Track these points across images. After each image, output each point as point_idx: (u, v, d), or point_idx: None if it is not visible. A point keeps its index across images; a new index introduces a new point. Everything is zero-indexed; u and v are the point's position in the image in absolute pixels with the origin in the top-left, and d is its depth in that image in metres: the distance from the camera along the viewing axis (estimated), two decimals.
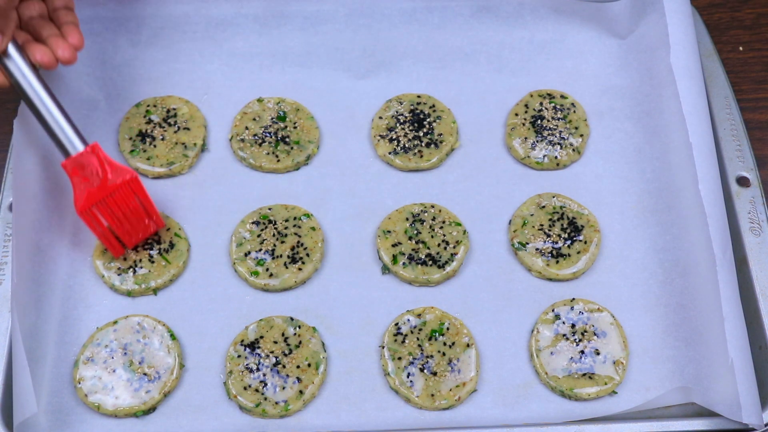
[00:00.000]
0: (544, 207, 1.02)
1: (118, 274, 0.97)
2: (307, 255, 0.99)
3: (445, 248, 0.99)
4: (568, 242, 1.00)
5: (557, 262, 0.98)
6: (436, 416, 0.91)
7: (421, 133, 1.07)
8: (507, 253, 1.01)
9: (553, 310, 0.96)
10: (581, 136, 1.07)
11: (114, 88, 1.11)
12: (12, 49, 0.89)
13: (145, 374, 0.92)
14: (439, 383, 0.91)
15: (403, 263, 0.98)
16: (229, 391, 0.91)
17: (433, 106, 1.09)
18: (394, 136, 1.07)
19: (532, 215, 1.02)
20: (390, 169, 1.07)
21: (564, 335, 0.94)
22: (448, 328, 0.94)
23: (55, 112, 0.92)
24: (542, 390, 0.93)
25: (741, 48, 1.18)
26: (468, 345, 0.93)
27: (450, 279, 0.99)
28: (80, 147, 0.93)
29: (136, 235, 0.97)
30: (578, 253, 0.99)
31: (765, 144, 1.10)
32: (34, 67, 0.91)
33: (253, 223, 1.01)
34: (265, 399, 0.91)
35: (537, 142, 1.07)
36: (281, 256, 0.99)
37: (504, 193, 1.05)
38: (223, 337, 0.95)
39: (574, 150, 1.06)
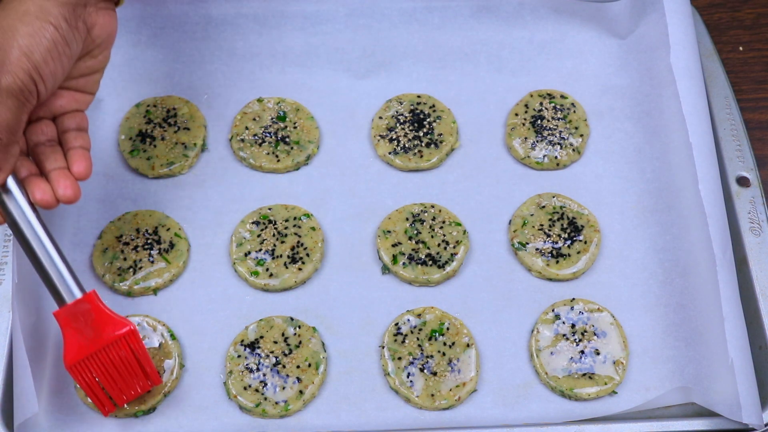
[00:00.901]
0: (544, 207, 1.02)
1: (118, 274, 0.97)
2: (307, 255, 0.99)
3: (445, 248, 0.99)
4: (568, 242, 1.00)
5: (557, 262, 0.98)
6: (436, 416, 0.91)
7: (421, 133, 1.07)
8: (507, 253, 1.01)
9: (553, 310, 0.96)
10: (581, 136, 1.07)
11: (114, 88, 1.11)
12: (12, 185, 0.82)
13: None
14: (439, 383, 0.91)
15: (403, 263, 0.98)
16: (229, 391, 0.91)
17: (433, 106, 1.09)
18: (394, 136, 1.07)
19: (532, 215, 1.02)
20: (390, 169, 1.07)
21: (564, 335, 0.94)
22: (448, 328, 0.94)
23: (54, 256, 0.83)
24: (542, 390, 0.93)
25: (741, 48, 1.18)
26: (468, 345, 0.93)
27: (450, 279, 0.99)
28: (77, 293, 0.83)
29: (128, 392, 0.87)
30: (578, 253, 0.99)
31: (765, 144, 1.10)
32: (33, 206, 0.83)
33: (253, 223, 1.01)
34: (265, 399, 0.91)
35: (537, 142, 1.07)
36: (281, 256, 0.99)
37: (504, 193, 1.05)
38: (223, 337, 0.95)
39: (574, 150, 1.06)
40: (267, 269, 0.98)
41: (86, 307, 0.84)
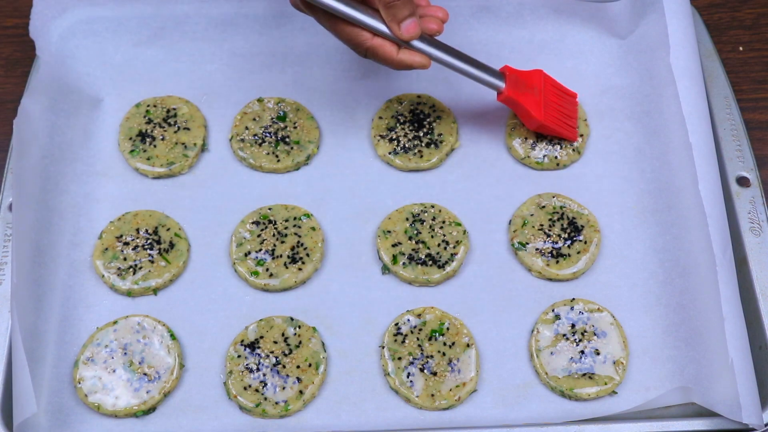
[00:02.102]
0: (544, 207, 1.02)
1: (118, 274, 0.97)
2: (307, 255, 0.99)
3: (445, 248, 0.99)
4: (568, 242, 1.00)
5: (557, 262, 0.98)
6: (436, 416, 0.91)
7: (421, 133, 1.07)
8: (507, 253, 1.01)
9: (553, 310, 0.96)
10: (581, 136, 1.07)
11: (114, 88, 1.11)
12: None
13: (145, 374, 0.92)
14: (439, 383, 0.91)
15: (403, 263, 0.98)
16: (229, 391, 0.91)
17: (433, 106, 1.09)
18: (394, 136, 1.07)
19: (532, 215, 1.02)
20: (390, 169, 1.07)
21: (564, 335, 0.94)
22: (448, 328, 0.94)
23: (466, 67, 0.98)
24: (542, 390, 0.93)
25: (741, 48, 1.18)
26: (468, 345, 0.93)
27: (450, 279, 0.99)
28: (500, 76, 1.00)
29: (573, 116, 1.06)
30: (578, 253, 0.99)
31: (765, 144, 1.10)
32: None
33: (253, 223, 1.01)
34: (265, 399, 0.91)
35: (537, 142, 1.07)
36: (281, 256, 0.99)
37: (504, 193, 1.05)
38: (223, 337, 0.95)
39: (574, 150, 1.06)
40: (267, 269, 0.98)
41: (513, 77, 1.01)
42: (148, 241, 0.99)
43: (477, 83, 1.00)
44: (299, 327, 0.95)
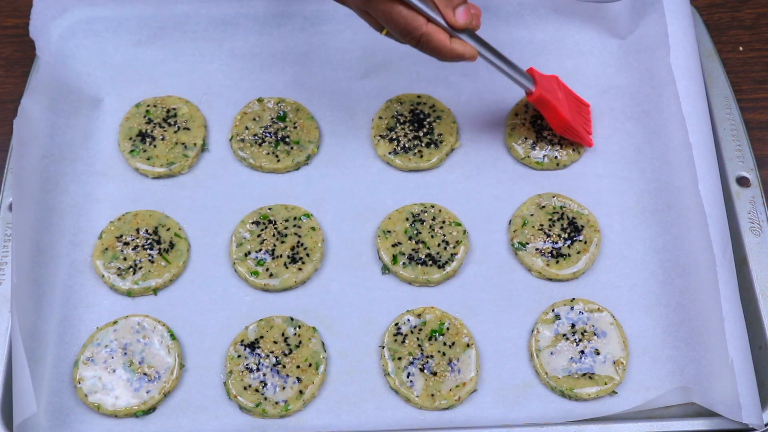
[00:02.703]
0: (544, 207, 1.02)
1: (118, 274, 0.97)
2: (307, 255, 0.99)
3: (445, 248, 0.99)
4: (568, 242, 1.00)
5: (557, 262, 0.98)
6: (436, 416, 0.91)
7: (421, 133, 1.07)
8: (507, 253, 1.01)
9: (553, 310, 0.96)
10: None
11: (114, 88, 1.11)
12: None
13: (145, 374, 0.92)
14: (439, 383, 0.91)
15: (403, 263, 0.98)
16: (229, 391, 0.91)
17: (433, 106, 1.09)
18: (394, 136, 1.07)
19: (532, 215, 1.02)
20: (390, 169, 1.07)
21: (564, 335, 0.94)
22: (448, 328, 0.94)
23: (501, 64, 0.97)
24: (542, 390, 0.93)
25: (741, 48, 1.18)
26: (468, 345, 0.93)
27: (450, 279, 0.99)
28: (530, 80, 1.00)
29: (589, 123, 1.07)
30: (578, 253, 0.99)
31: (765, 144, 1.10)
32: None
33: (253, 223, 1.01)
34: (265, 399, 0.91)
35: (537, 142, 1.07)
36: (281, 256, 0.99)
37: (504, 193, 1.05)
38: (223, 337, 0.95)
39: (574, 150, 1.06)
40: (267, 269, 0.98)
41: (540, 79, 1.01)
42: (148, 241, 1.00)
43: (504, 81, 1.00)
44: (299, 327, 0.95)
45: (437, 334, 0.94)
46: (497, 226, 1.02)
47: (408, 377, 0.92)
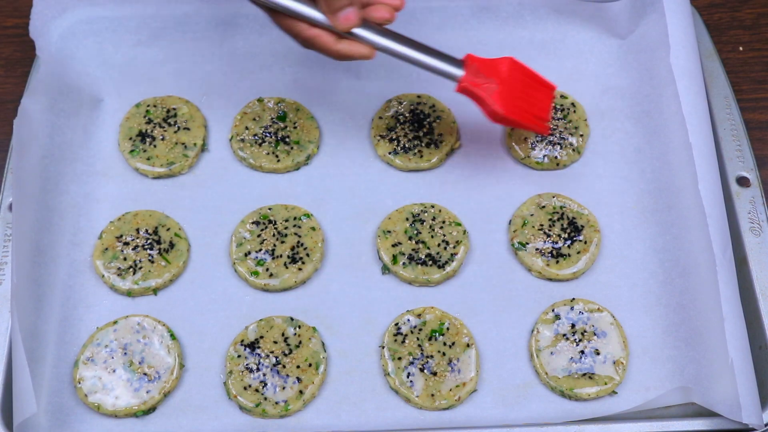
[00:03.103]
0: (544, 207, 1.02)
1: (118, 274, 0.97)
2: (307, 255, 0.99)
3: (445, 248, 0.99)
4: (568, 242, 1.00)
5: (557, 262, 0.98)
6: (436, 416, 0.91)
7: (421, 133, 1.07)
8: (507, 253, 1.01)
9: (553, 310, 0.96)
10: (581, 136, 1.07)
11: (114, 88, 1.11)
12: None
13: (145, 374, 0.92)
14: (439, 383, 0.91)
15: (403, 263, 0.98)
16: (229, 391, 0.91)
17: (433, 106, 1.09)
18: (394, 136, 1.07)
19: (532, 215, 1.02)
20: (390, 169, 1.07)
21: (564, 335, 0.94)
22: (448, 328, 0.94)
23: (419, 56, 0.93)
24: (542, 390, 0.93)
25: (741, 48, 1.18)
26: (468, 345, 0.93)
27: (450, 279, 0.99)
28: (459, 65, 0.95)
29: (545, 109, 0.99)
30: (578, 253, 0.99)
31: (765, 144, 1.10)
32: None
33: (253, 223, 1.01)
34: (265, 399, 0.91)
35: (537, 142, 1.07)
36: (281, 256, 0.99)
37: (504, 193, 1.05)
38: (223, 337, 0.95)
39: (574, 150, 1.06)
40: (267, 269, 0.98)
41: (474, 66, 0.96)
42: (148, 241, 0.99)
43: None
44: (299, 327, 0.95)
45: (437, 334, 0.94)
46: (497, 226, 1.02)
47: (408, 377, 0.92)
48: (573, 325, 0.95)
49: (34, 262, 0.95)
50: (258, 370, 0.92)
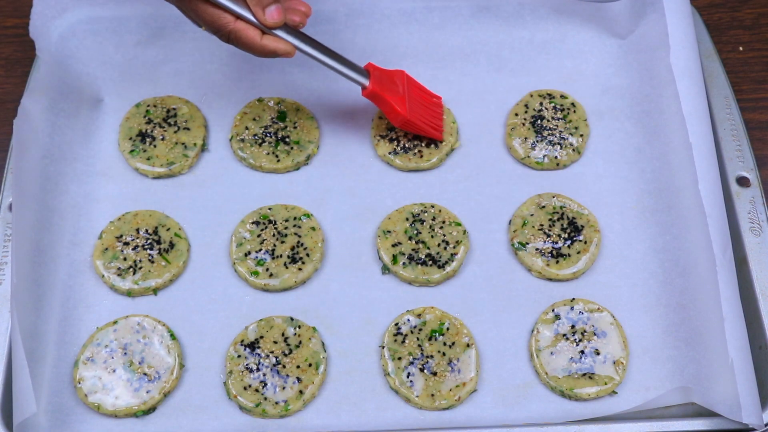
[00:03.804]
0: (544, 207, 1.02)
1: (118, 274, 0.97)
2: (307, 255, 0.99)
3: (445, 248, 0.99)
4: (568, 242, 1.00)
5: (557, 262, 0.98)
6: (436, 416, 0.91)
7: None
8: (507, 253, 1.01)
9: (553, 310, 0.96)
10: (581, 136, 1.07)
11: (114, 88, 1.11)
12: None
13: (145, 374, 0.92)
14: (439, 383, 0.91)
15: (403, 263, 0.98)
16: (229, 391, 0.91)
17: None
18: (394, 136, 1.07)
19: (532, 215, 1.02)
20: (390, 169, 1.07)
21: (564, 335, 0.94)
22: (448, 328, 0.94)
23: (331, 62, 0.98)
24: (542, 390, 0.93)
25: (741, 48, 1.18)
26: (468, 345, 0.93)
27: (450, 279, 0.99)
28: (364, 73, 1.00)
29: (438, 116, 1.07)
30: (578, 253, 0.99)
31: (765, 144, 1.10)
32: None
33: (253, 223, 1.01)
34: (265, 399, 0.91)
35: (537, 142, 1.07)
36: (281, 256, 0.99)
37: (504, 193, 1.05)
38: (223, 337, 0.95)
39: (574, 150, 1.06)
40: (267, 269, 0.98)
41: (377, 74, 1.01)
42: (148, 241, 1.00)
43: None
44: (299, 327, 0.95)
45: (437, 334, 0.94)
46: (497, 226, 1.02)
47: (408, 377, 0.92)
48: (573, 325, 0.95)
49: (34, 262, 0.95)
50: (258, 370, 0.92)
